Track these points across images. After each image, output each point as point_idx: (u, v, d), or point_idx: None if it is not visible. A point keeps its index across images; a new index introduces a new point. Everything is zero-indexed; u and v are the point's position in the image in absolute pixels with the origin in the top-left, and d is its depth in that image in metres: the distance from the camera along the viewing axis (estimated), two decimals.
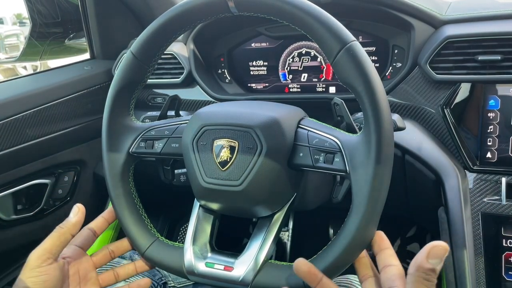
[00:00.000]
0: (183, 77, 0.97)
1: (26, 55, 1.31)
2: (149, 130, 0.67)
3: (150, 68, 0.64)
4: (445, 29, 0.78)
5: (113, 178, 0.66)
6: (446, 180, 0.74)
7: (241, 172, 0.57)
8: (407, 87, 0.80)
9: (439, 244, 0.37)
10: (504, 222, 0.71)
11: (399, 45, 0.87)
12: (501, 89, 0.73)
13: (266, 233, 0.61)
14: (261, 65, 0.99)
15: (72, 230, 0.57)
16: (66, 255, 0.59)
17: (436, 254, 0.36)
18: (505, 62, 0.71)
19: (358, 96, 0.51)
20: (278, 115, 0.59)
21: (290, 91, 0.98)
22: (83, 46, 1.20)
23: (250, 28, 0.97)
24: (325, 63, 0.94)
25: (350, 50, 0.50)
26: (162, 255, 0.64)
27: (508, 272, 0.69)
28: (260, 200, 0.59)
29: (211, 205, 0.64)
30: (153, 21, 0.61)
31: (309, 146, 0.57)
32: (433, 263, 0.36)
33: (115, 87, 0.64)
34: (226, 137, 0.58)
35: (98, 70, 1.11)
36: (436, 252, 0.36)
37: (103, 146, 0.66)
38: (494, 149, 0.73)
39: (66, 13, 1.24)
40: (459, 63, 0.75)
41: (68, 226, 0.57)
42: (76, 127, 1.05)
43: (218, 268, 0.60)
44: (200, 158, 0.60)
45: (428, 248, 0.37)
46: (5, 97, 0.92)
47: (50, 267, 0.54)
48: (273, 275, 0.58)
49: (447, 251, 0.37)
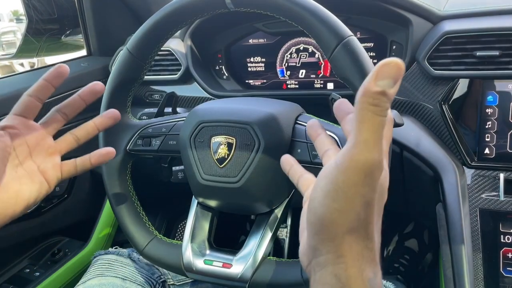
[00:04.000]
0: (180, 74, 0.96)
1: (22, 52, 1.30)
2: (146, 128, 0.66)
3: (147, 65, 0.64)
4: (443, 24, 0.78)
5: (110, 176, 0.66)
6: (444, 176, 0.74)
7: (239, 169, 0.57)
8: (405, 83, 0.80)
9: (390, 61, 0.29)
10: (502, 218, 0.71)
11: (397, 41, 0.86)
12: (499, 85, 0.73)
13: (265, 230, 0.61)
14: (259, 62, 0.98)
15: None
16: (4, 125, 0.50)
17: (386, 73, 0.29)
18: (504, 58, 0.71)
19: (355, 92, 0.51)
20: (276, 111, 0.58)
21: (288, 87, 0.98)
22: (79, 42, 1.19)
23: (248, 24, 0.96)
24: (323, 59, 0.94)
25: (347, 45, 0.50)
26: (161, 252, 0.64)
27: (506, 268, 0.69)
28: (258, 197, 0.59)
29: (209, 202, 0.64)
30: (150, 17, 0.61)
31: (307, 142, 0.57)
32: (382, 85, 0.29)
33: (111, 84, 0.64)
34: (224, 134, 0.58)
35: (95, 67, 1.11)
36: (386, 70, 0.29)
37: (100, 144, 0.66)
38: (492, 145, 0.73)
39: (63, 9, 1.23)
40: (457, 59, 0.74)
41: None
42: (73, 124, 1.04)
43: (217, 265, 0.60)
44: (198, 155, 0.59)
45: (377, 68, 0.29)
46: (1, 94, 0.92)
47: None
48: (272, 271, 0.58)
49: (400, 69, 0.29)
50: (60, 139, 0.54)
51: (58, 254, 1.02)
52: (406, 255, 1.21)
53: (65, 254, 1.03)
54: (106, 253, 0.80)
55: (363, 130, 0.30)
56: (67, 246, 1.07)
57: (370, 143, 0.30)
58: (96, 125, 0.56)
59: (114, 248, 0.82)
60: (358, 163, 0.30)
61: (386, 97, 0.29)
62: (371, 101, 0.29)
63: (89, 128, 0.56)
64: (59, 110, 0.54)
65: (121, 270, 0.75)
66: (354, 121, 0.30)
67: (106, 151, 0.56)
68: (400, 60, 0.29)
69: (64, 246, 1.06)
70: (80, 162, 0.55)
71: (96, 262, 0.78)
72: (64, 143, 0.54)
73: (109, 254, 0.79)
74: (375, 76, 0.29)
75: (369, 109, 0.29)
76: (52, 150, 0.53)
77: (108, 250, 0.81)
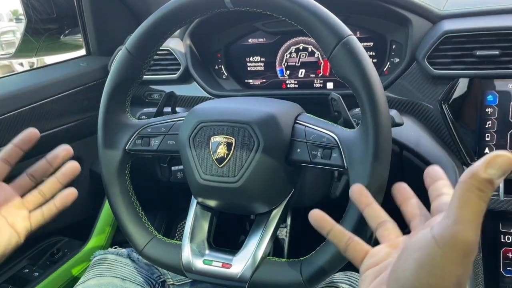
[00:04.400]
0: (179, 73, 0.96)
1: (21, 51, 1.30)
2: (145, 127, 0.66)
3: (146, 65, 0.64)
4: (443, 24, 0.78)
5: (109, 175, 0.66)
6: None
7: (238, 169, 0.57)
8: (405, 83, 0.80)
9: (503, 154, 0.30)
10: (502, 217, 0.71)
11: (397, 40, 0.86)
12: (499, 84, 0.72)
13: (264, 230, 0.61)
14: (258, 61, 0.98)
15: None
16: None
17: (496, 163, 0.30)
18: (504, 57, 0.71)
19: (355, 91, 0.51)
20: (275, 111, 0.58)
21: (287, 87, 0.98)
22: (78, 42, 1.19)
23: (247, 24, 0.96)
24: (322, 59, 0.93)
25: (346, 44, 0.50)
26: (160, 252, 0.64)
27: (507, 267, 0.69)
28: (257, 197, 0.58)
29: (208, 202, 0.63)
30: (149, 16, 0.61)
31: (307, 142, 0.57)
32: (491, 173, 0.30)
33: (110, 84, 0.64)
34: (223, 134, 0.58)
35: (94, 66, 1.10)
36: (496, 161, 0.30)
37: (99, 143, 0.66)
38: (492, 145, 0.73)
39: (62, 9, 1.23)
40: (457, 58, 0.74)
41: None
42: (72, 124, 1.04)
43: (216, 265, 0.60)
44: (197, 155, 0.59)
45: (489, 156, 0.30)
46: (0, 94, 0.91)
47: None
48: (271, 271, 0.58)
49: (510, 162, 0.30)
50: (27, 196, 0.59)
51: (57, 254, 1.02)
52: None
53: (64, 254, 1.03)
54: (105, 253, 0.80)
55: (467, 210, 0.31)
56: (66, 246, 1.06)
57: (473, 224, 0.30)
58: (58, 180, 0.61)
59: (113, 248, 0.82)
60: (459, 241, 0.30)
61: (491, 185, 0.30)
62: (478, 185, 0.31)
63: (54, 184, 0.61)
64: (28, 173, 0.60)
65: (120, 270, 0.75)
66: (456, 199, 0.31)
67: (68, 192, 0.60)
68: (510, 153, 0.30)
69: (63, 246, 1.06)
70: (46, 210, 0.59)
71: (96, 262, 0.78)
72: (31, 200, 0.59)
73: (108, 254, 0.79)
74: (487, 164, 0.30)
75: (475, 193, 0.31)
76: (21, 206, 0.58)
77: (108, 250, 0.81)
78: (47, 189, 0.60)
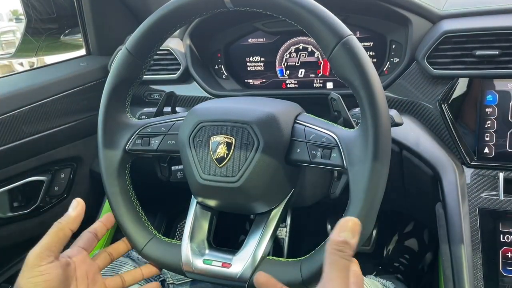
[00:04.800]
0: (179, 73, 0.96)
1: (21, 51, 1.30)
2: (145, 127, 0.66)
3: (146, 65, 0.64)
4: (442, 24, 0.78)
5: (109, 175, 0.66)
6: (443, 175, 0.74)
7: (238, 168, 0.57)
8: (405, 83, 0.80)
9: (348, 219, 0.41)
10: (501, 217, 0.71)
11: (396, 40, 0.86)
12: (498, 84, 0.72)
13: (264, 230, 0.61)
14: (258, 61, 0.98)
15: (71, 225, 0.55)
16: (70, 255, 0.57)
17: (345, 227, 0.40)
18: (503, 57, 0.71)
19: (355, 91, 0.51)
20: (275, 110, 0.58)
21: (287, 86, 0.98)
22: (78, 42, 1.19)
23: (247, 24, 0.96)
24: (322, 59, 0.93)
25: (346, 44, 0.50)
26: (160, 252, 0.64)
27: (506, 267, 0.69)
28: (257, 197, 0.59)
29: (208, 202, 0.63)
30: (149, 16, 0.61)
31: (306, 142, 0.57)
32: (344, 236, 0.39)
33: (110, 84, 0.64)
34: (223, 133, 0.58)
35: (94, 66, 1.11)
36: (345, 225, 0.40)
37: (99, 143, 0.66)
38: (492, 144, 0.73)
39: (62, 8, 1.23)
40: (456, 58, 0.74)
41: (67, 220, 0.55)
42: (72, 124, 1.05)
43: (216, 265, 0.60)
44: (197, 155, 0.59)
45: (340, 222, 0.41)
46: (0, 93, 0.91)
47: (50, 266, 0.51)
48: (271, 271, 0.58)
49: (356, 224, 0.40)
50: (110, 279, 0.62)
51: None
52: (406, 254, 1.21)
53: None
54: None
55: (334, 270, 0.39)
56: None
57: (340, 279, 0.39)
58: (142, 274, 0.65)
59: None
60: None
61: (348, 245, 0.39)
62: (337, 247, 0.39)
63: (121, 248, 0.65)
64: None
65: (120, 270, 0.75)
66: (325, 262, 0.40)
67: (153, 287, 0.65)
68: (356, 219, 0.41)
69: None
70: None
71: None
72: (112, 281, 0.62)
73: None
74: (339, 228, 0.40)
75: (336, 254, 0.39)
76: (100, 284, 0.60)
77: None
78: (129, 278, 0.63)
